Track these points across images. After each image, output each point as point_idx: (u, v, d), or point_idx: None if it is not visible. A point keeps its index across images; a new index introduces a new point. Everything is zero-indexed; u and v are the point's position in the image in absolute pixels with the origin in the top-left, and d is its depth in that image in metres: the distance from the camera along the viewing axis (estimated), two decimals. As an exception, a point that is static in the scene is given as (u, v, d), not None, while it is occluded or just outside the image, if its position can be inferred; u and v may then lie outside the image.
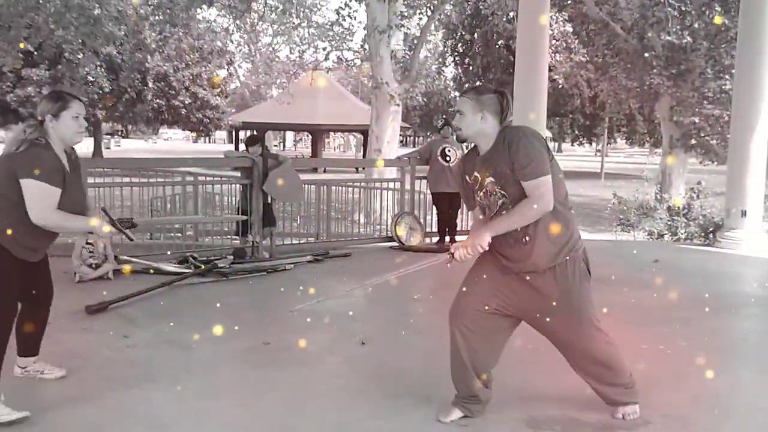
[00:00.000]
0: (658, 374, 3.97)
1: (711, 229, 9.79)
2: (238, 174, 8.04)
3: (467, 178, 3.15)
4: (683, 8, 16.36)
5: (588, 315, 3.13)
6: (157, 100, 31.01)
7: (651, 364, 4.15)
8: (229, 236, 8.31)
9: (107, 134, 50.26)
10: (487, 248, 2.96)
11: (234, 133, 39.77)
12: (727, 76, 15.73)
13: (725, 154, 11.78)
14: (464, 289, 3.21)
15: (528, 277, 3.07)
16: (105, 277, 6.17)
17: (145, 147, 52.06)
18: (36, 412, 3.25)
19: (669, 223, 11.09)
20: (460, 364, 3.20)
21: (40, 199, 3.13)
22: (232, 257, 7.09)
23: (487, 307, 3.12)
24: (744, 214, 8.70)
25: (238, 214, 7.99)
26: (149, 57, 21.88)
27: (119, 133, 60.36)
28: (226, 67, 33.32)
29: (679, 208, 11.11)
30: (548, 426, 3.27)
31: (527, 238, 2.99)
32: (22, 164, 3.12)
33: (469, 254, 3.00)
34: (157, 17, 16.52)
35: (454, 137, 9.05)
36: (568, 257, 3.04)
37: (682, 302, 5.75)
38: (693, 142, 17.81)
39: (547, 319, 3.10)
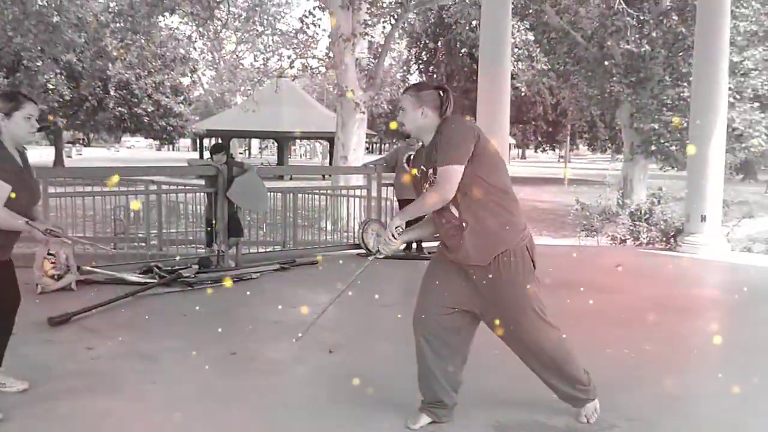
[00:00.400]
0: (623, 378, 4.03)
1: (672, 234, 9.97)
2: (203, 182, 7.97)
3: (416, 173, 3.26)
4: (641, 17, 16.68)
5: (533, 307, 3.10)
6: (119, 108, 30.60)
7: (615, 367, 4.22)
8: (194, 245, 8.22)
9: (68, 143, 49.41)
10: (397, 235, 3.08)
11: (198, 140, 39.43)
12: (684, 84, 16.06)
13: (685, 159, 12.02)
14: (421, 294, 3.27)
15: (471, 271, 3.09)
16: (68, 288, 6.07)
17: (108, 155, 51.26)
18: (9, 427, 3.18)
19: (631, 228, 11.26)
20: (426, 370, 3.22)
21: None
22: (197, 267, 7.02)
23: (444, 309, 3.17)
24: (704, 218, 8.89)
25: (206, 223, 7.92)
26: (111, 64, 21.57)
27: (81, 142, 59.38)
28: (189, 74, 33.00)
29: (641, 213, 11.29)
30: (516, 430, 3.30)
31: (464, 224, 3.04)
32: None
33: (386, 244, 3.11)
34: (118, 24, 16.33)
35: (420, 144, 9.13)
36: (506, 249, 3.03)
37: (645, 306, 5.85)
38: (653, 148, 18.14)
39: (496, 315, 3.11)
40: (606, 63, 17.58)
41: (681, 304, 6.00)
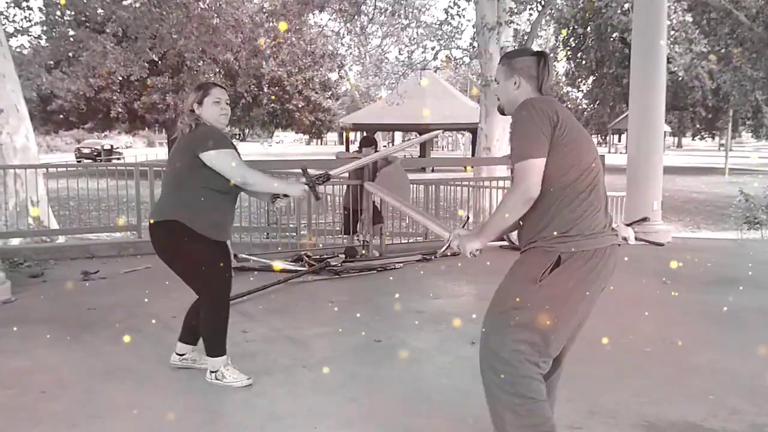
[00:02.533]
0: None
1: None
2: (347, 174, 8.19)
3: None
4: (816, -9, 15.26)
5: (510, 312, 2.53)
6: (272, 104, 32.00)
7: (780, 370, 3.92)
8: (340, 236, 8.48)
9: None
10: (476, 255, 2.60)
11: (344, 134, 40.47)
12: None
13: None
14: None
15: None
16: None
17: (261, 150, 53.83)
18: (165, 399, 3.45)
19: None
20: None
21: (227, 163, 3.47)
22: (343, 256, 7.23)
23: None
24: None
25: (343, 211, 8.16)
26: (264, 63, 22.61)
27: (237, 137, 62.65)
28: (337, 70, 33.92)
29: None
30: (666, 430, 3.15)
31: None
32: (199, 141, 3.49)
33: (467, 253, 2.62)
34: (271, 24, 17.06)
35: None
36: (534, 246, 2.53)
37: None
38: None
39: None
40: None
41: None
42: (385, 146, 51.98)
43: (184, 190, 3.53)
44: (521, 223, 2.59)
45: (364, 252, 7.58)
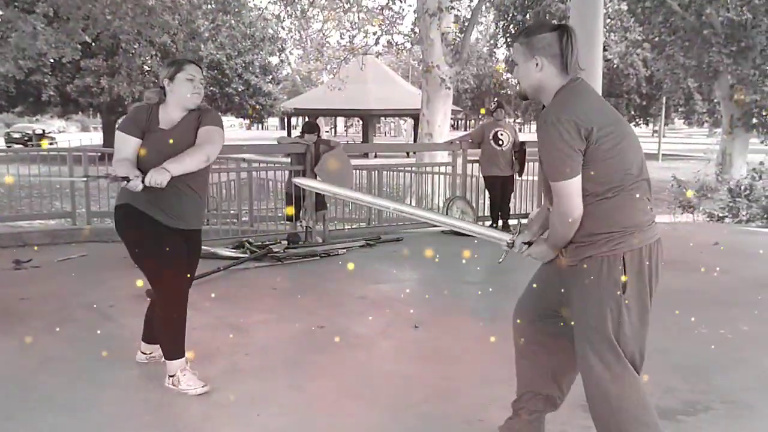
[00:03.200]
0: (719, 359, 3.89)
1: (774, 211, 9.49)
2: (289, 160, 8.12)
3: None
4: (744, -18, 15.79)
5: (606, 329, 2.37)
6: (211, 88, 31.45)
7: (712, 348, 4.07)
8: (283, 222, 8.41)
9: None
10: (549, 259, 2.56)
11: (286, 119, 40.11)
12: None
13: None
14: None
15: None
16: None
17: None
18: (103, 390, 3.37)
19: (730, 204, 10.78)
20: None
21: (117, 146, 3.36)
22: (286, 242, 7.18)
23: None
24: (809, 194, 8.40)
25: (285, 198, 8.08)
26: (202, 45, 22.17)
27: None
28: (277, 54, 33.53)
29: (740, 189, 10.78)
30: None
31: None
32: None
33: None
34: (209, 6, 16.71)
35: (507, 120, 9.00)
36: (592, 255, 2.38)
37: (745, 286, 5.60)
38: (754, 121, 17.22)
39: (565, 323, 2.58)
40: (704, 32, 16.73)
41: (784, 285, 5.70)
42: (327, 132, 51.80)
43: None
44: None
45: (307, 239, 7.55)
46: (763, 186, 10.70)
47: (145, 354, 3.82)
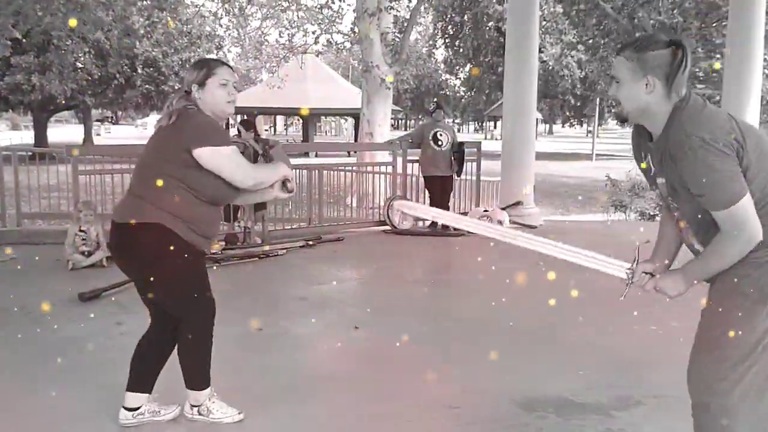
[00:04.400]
0: (650, 355, 4.01)
1: (702, 209, 9.82)
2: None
3: (641, 160, 2.36)
4: (674, -13, 16.36)
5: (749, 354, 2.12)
6: (147, 86, 30.78)
7: (643, 345, 4.19)
8: (221, 222, 8.29)
9: (97, 121, 49.90)
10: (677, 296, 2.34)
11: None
12: (718, 55, 15.75)
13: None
14: None
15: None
16: (98, 265, 6.15)
17: (135, 133, 51.73)
18: (35, 399, 3.25)
19: (660, 203, 11.13)
20: None
21: (230, 162, 2.86)
22: (223, 243, 7.08)
23: None
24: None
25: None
26: (138, 42, 21.69)
27: (109, 120, 59.93)
28: (215, 51, 33.02)
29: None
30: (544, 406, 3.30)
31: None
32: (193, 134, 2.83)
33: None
34: (144, 2, 16.37)
35: (446, 121, 9.08)
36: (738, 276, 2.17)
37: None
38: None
39: None
40: (637, 35, 17.27)
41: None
42: (266, 130, 51.31)
43: (170, 190, 2.79)
44: (697, 246, 2.30)
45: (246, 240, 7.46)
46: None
47: (132, 410, 3.13)
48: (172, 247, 2.79)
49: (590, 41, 20.41)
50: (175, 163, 2.79)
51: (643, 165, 2.33)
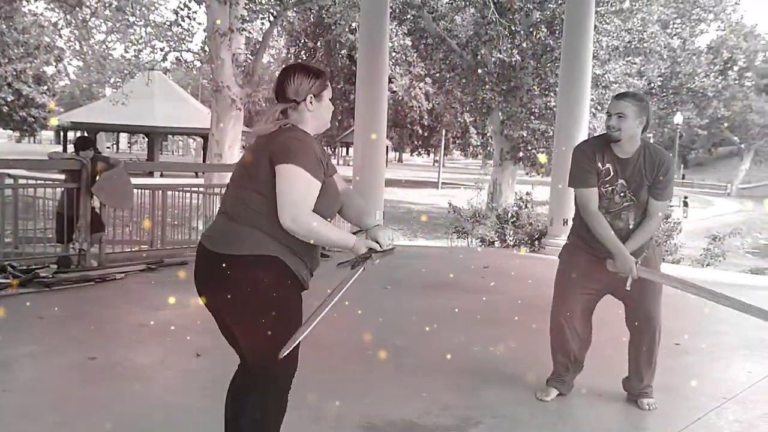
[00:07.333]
0: (489, 376, 4.16)
1: (537, 237, 10.41)
2: (63, 177, 7.53)
3: (599, 164, 3.46)
4: (513, 28, 17.39)
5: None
6: (-25, 97, 28.51)
7: (482, 365, 4.35)
8: (52, 244, 7.75)
9: None
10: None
11: (62, 133, 37.33)
12: (552, 93, 16.89)
13: (550, 166, 12.59)
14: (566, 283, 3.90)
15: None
16: None
17: (-42, 146, 47.57)
18: None
19: (499, 230, 11.67)
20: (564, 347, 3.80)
21: (294, 188, 2.36)
22: (55, 266, 6.62)
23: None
24: (566, 222, 9.32)
25: (56, 219, 7.47)
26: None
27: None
28: (54, 63, 31.14)
29: (508, 216, 11.71)
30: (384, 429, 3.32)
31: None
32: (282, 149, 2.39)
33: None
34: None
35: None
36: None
37: (512, 305, 6.07)
38: (521, 154, 18.95)
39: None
40: (479, 71, 18.20)
41: (545, 304, 6.23)
42: (108, 148, 48.89)
43: (276, 215, 2.37)
44: (631, 222, 3.56)
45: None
46: (528, 214, 11.71)
47: None
48: (289, 282, 2.46)
49: (437, 74, 21.22)
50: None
51: (602, 165, 3.46)
